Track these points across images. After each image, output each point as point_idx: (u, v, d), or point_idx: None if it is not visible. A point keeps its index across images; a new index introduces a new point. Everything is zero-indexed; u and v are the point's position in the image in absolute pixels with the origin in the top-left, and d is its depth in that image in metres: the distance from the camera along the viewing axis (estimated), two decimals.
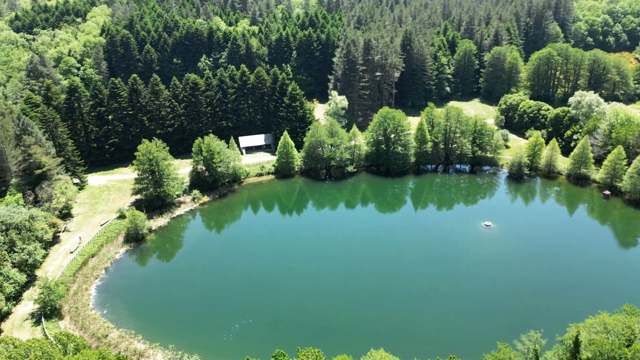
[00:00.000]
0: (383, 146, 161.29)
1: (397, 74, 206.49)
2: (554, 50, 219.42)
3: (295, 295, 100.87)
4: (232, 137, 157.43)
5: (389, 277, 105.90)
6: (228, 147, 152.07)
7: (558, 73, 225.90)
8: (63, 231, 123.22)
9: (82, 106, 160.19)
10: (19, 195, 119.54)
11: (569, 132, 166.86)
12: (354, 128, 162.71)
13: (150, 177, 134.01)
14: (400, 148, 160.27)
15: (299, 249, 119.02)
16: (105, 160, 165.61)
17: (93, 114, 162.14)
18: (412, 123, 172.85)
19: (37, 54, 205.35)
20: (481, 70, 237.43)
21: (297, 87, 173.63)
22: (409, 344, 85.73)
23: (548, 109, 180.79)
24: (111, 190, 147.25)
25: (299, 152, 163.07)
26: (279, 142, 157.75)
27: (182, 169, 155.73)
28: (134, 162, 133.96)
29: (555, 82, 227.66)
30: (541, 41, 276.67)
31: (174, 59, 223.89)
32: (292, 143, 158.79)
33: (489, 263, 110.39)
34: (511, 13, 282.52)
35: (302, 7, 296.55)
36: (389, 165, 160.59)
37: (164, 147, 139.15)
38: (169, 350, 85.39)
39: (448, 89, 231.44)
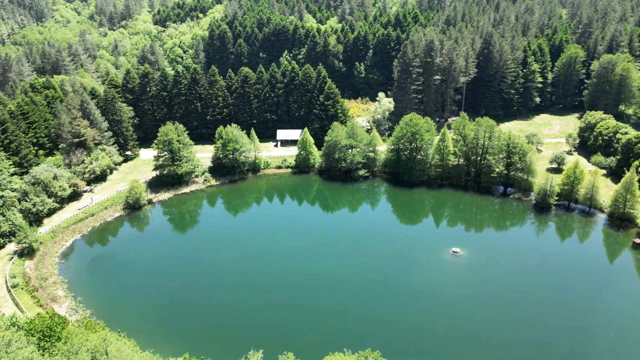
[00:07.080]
0: (405, 153, 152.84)
1: (462, 79, 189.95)
2: None
3: (233, 287, 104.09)
4: (252, 129, 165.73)
5: (319, 280, 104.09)
6: (249, 138, 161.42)
7: None
8: (88, 192, 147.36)
9: (151, 90, 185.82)
10: (60, 157, 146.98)
11: (637, 163, 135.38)
12: (374, 132, 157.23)
13: (167, 156, 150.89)
14: (419, 158, 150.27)
15: (263, 243, 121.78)
16: None
17: (159, 97, 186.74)
18: None
19: (153, 43, 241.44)
20: (586, 81, 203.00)
21: (334, 86, 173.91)
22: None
23: (626, 132, 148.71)
24: (150, 164, 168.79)
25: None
26: (299, 138, 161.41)
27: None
28: (155, 141, 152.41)
29: None
30: None
31: (261, 53, 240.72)
32: (311, 140, 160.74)
33: (422, 290, 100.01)
34: None
35: (400, 5, 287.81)
36: (405, 175, 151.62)
37: (184, 131, 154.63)
38: (76, 302, 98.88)
39: (538, 99, 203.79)
